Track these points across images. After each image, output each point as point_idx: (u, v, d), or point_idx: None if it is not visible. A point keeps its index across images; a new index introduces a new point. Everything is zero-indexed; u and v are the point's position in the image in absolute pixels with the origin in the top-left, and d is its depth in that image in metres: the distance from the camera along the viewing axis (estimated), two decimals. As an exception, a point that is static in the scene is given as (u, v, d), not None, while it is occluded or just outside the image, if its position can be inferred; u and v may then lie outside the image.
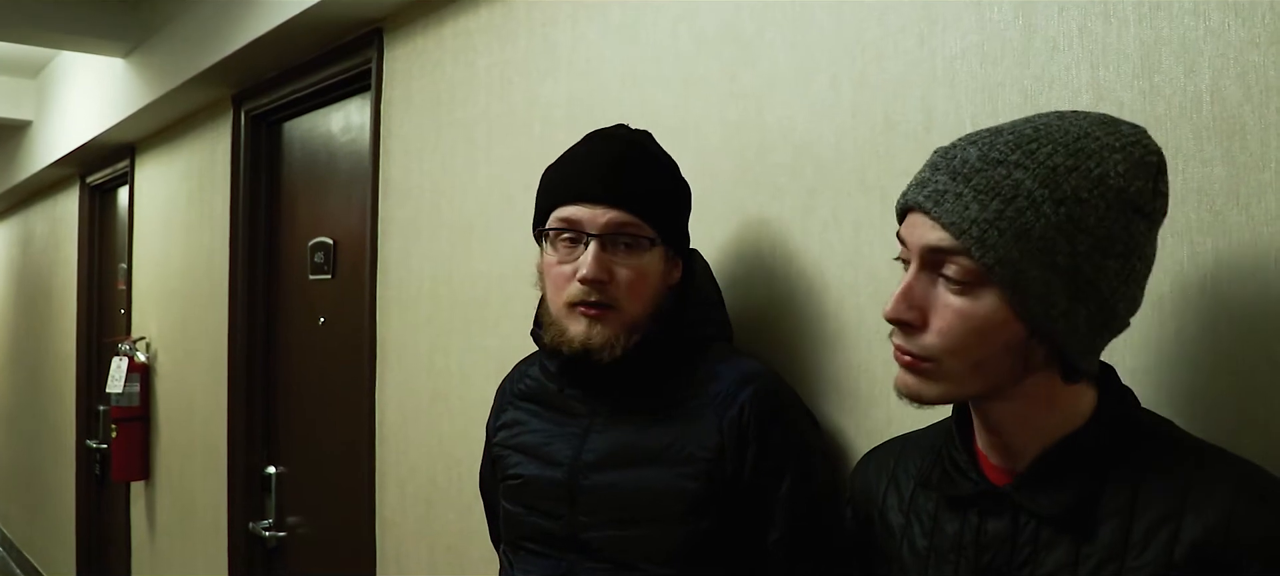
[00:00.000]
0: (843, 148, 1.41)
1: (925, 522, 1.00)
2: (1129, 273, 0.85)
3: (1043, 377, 0.89)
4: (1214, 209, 1.03)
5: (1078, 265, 0.83)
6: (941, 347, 0.88)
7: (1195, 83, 1.04)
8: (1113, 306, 0.85)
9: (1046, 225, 0.82)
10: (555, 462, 1.38)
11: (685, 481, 1.29)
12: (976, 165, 0.86)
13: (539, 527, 1.38)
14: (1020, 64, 1.20)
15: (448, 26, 2.30)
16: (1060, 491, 0.88)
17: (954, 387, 0.90)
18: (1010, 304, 0.84)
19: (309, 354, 3.11)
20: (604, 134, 1.41)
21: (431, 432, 2.35)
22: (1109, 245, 0.83)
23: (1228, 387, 1.02)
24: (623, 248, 1.31)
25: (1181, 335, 1.05)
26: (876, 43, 1.37)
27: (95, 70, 4.22)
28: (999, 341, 0.86)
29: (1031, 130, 0.87)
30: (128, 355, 4.10)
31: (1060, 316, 0.84)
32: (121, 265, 4.55)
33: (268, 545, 3.24)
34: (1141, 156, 0.85)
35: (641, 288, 1.32)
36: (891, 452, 1.10)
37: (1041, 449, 0.91)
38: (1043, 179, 0.83)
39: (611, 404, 1.37)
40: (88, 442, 4.96)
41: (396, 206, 2.50)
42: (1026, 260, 0.83)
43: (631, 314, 1.31)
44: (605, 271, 1.29)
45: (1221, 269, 1.02)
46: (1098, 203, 0.83)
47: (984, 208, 0.84)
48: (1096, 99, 1.12)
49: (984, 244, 0.83)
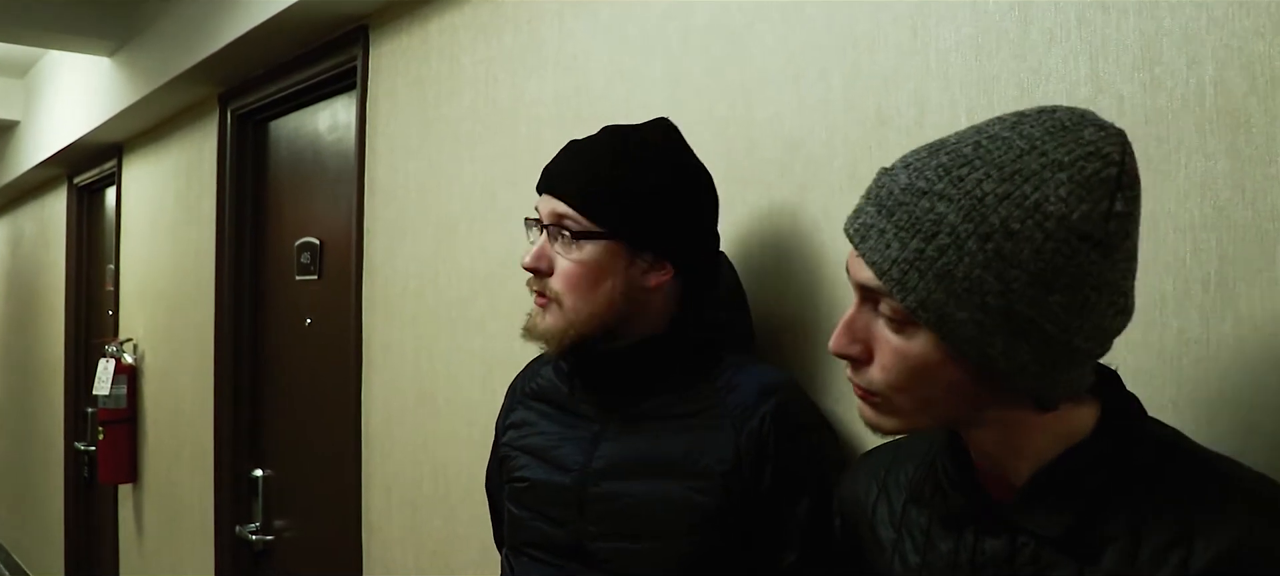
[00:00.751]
0: (834, 143, 1.37)
1: (917, 538, 0.94)
2: (1082, 305, 0.76)
3: (1020, 411, 0.83)
4: (1218, 204, 0.99)
5: (1011, 305, 0.75)
6: (885, 384, 0.83)
7: (1198, 74, 1.00)
8: (1065, 342, 0.76)
9: (971, 264, 0.75)
10: (564, 468, 1.33)
11: (698, 495, 1.23)
12: (900, 197, 0.80)
13: (543, 534, 1.34)
14: (1016, 56, 1.16)
15: (433, 23, 2.26)
16: (1061, 510, 0.82)
17: (909, 421, 0.85)
18: (947, 345, 0.79)
19: (296, 355, 3.07)
20: (608, 128, 1.35)
21: (417, 435, 2.30)
22: (1049, 279, 0.75)
23: (1233, 390, 0.98)
24: (564, 240, 1.26)
25: (1184, 335, 1.01)
26: (868, 35, 1.33)
27: (82, 69, 4.18)
28: (942, 381, 0.81)
29: (970, 148, 0.79)
30: (114, 357, 4.05)
31: (1000, 357, 0.77)
32: (109, 266, 4.50)
33: (255, 548, 3.20)
34: (1094, 173, 0.75)
35: (580, 283, 1.26)
36: (882, 460, 1.05)
37: (1039, 465, 0.85)
38: (967, 211, 0.76)
39: (625, 410, 1.31)
40: (76, 445, 4.91)
41: (382, 206, 2.46)
42: (952, 302, 0.76)
43: (572, 308, 1.26)
44: (543, 261, 1.27)
45: (1226, 266, 0.98)
46: (1032, 233, 0.74)
47: (904, 246, 0.78)
48: (1095, 92, 1.08)
49: (904, 287, 0.78)
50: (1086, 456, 0.83)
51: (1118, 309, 0.78)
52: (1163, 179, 1.02)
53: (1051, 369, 0.78)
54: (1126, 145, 0.78)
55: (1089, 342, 0.78)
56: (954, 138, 0.82)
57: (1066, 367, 0.79)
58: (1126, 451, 0.83)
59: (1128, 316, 0.80)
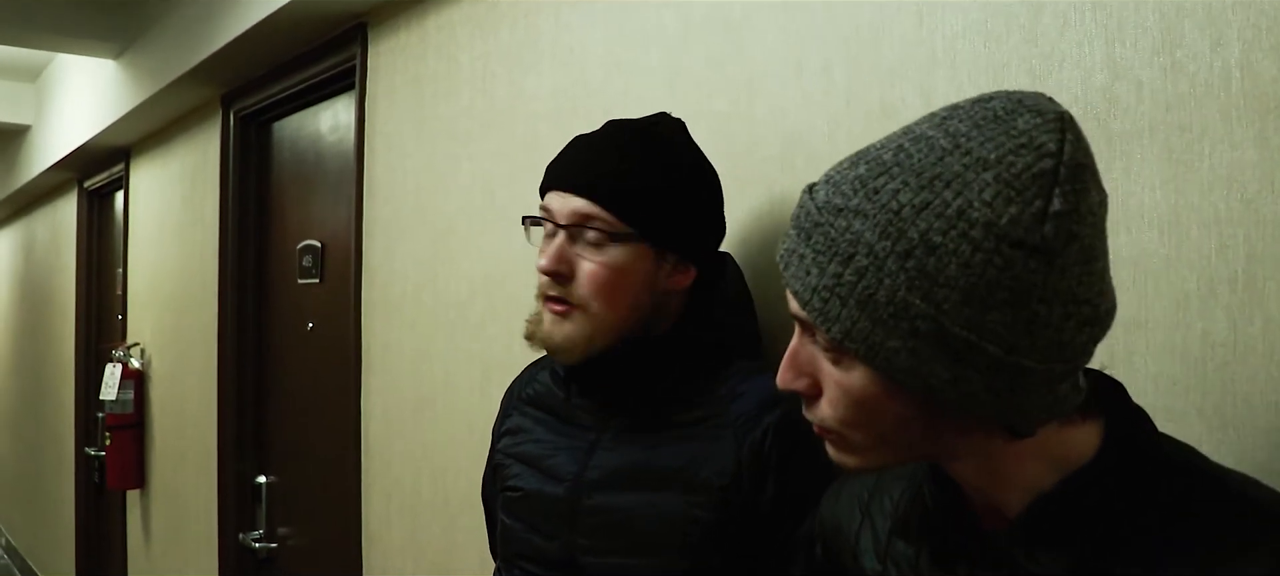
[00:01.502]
0: (836, 138, 1.31)
1: (905, 572, 0.85)
2: (1029, 321, 0.66)
3: (992, 440, 0.73)
4: (1245, 197, 0.91)
5: (943, 327, 0.66)
6: (835, 421, 0.75)
7: (1223, 57, 0.93)
8: (1016, 365, 0.67)
9: (893, 285, 0.67)
10: (557, 478, 1.26)
11: (695, 509, 1.16)
12: (817, 217, 0.72)
13: (534, 547, 1.27)
14: (1027, 42, 1.09)
15: (430, 19, 2.20)
16: (1063, 545, 0.72)
17: (871, 459, 0.77)
18: (883, 377, 0.70)
19: (298, 360, 3.02)
20: (619, 122, 1.29)
21: (417, 443, 2.25)
22: (984, 296, 0.65)
23: (1262, 397, 0.91)
24: (589, 241, 1.19)
25: (1209, 338, 0.94)
26: (871, 25, 1.27)
27: (89, 73, 4.16)
28: (890, 415, 0.72)
29: (891, 154, 0.71)
30: (121, 361, 4.02)
31: (946, 386, 0.68)
32: (118, 270, 4.48)
33: (258, 556, 3.15)
34: (1025, 169, 0.65)
35: (610, 288, 1.18)
36: (865, 483, 0.95)
37: (1034, 496, 0.74)
38: (882, 228, 0.67)
39: (622, 418, 1.25)
40: (87, 450, 4.89)
41: (381, 207, 2.41)
42: (879, 330, 0.68)
43: (598, 315, 1.19)
44: (565, 265, 1.19)
45: (1254, 263, 0.91)
46: (958, 246, 0.65)
47: (822, 272, 0.70)
48: (1112, 78, 1.01)
49: (826, 316, 0.70)
50: (1088, 483, 0.73)
51: (1081, 319, 0.68)
52: (1186, 171, 0.95)
53: (1009, 394, 0.68)
54: (1068, 131, 0.67)
55: (1047, 362, 0.68)
56: (880, 143, 0.74)
57: (1027, 392, 0.68)
58: (1134, 476, 0.73)
59: (1100, 326, 0.70)
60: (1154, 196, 0.98)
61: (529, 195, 1.87)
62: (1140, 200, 0.98)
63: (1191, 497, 0.72)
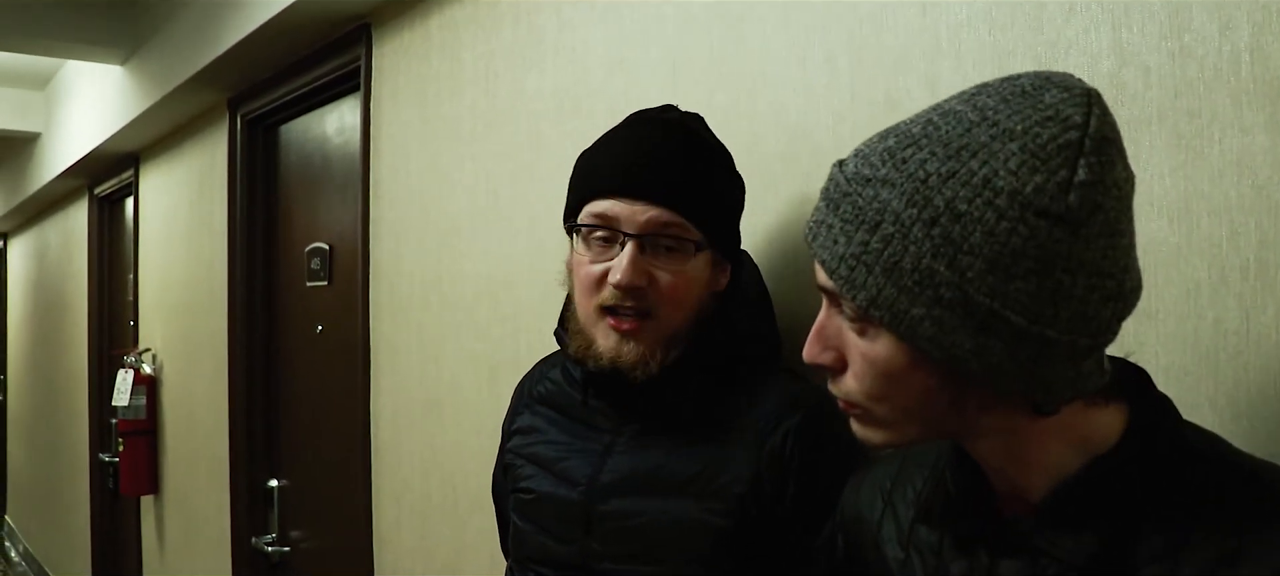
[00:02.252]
0: (841, 131, 1.29)
1: (927, 559, 0.85)
2: (1053, 291, 0.66)
3: (1017, 416, 0.73)
4: (1257, 183, 0.90)
5: (968, 296, 0.67)
6: (861, 393, 0.75)
7: (1232, 40, 0.91)
8: (1039, 336, 0.67)
9: (918, 253, 0.68)
10: (571, 481, 1.24)
11: (714, 516, 1.14)
12: (845, 187, 0.73)
13: (548, 550, 1.25)
14: (1033, 28, 1.07)
15: (434, 18, 2.20)
16: (1087, 530, 0.72)
17: (895, 435, 0.77)
18: (909, 346, 0.70)
19: (308, 364, 3.02)
20: (647, 116, 1.24)
21: (425, 445, 2.24)
22: (1008, 264, 0.66)
23: (1275, 386, 0.89)
24: (664, 250, 1.15)
25: (1221, 326, 0.92)
26: (874, 15, 1.25)
27: (97, 79, 4.17)
28: (915, 386, 0.72)
29: (919, 127, 0.72)
30: (133, 367, 4.03)
31: (970, 356, 0.68)
32: (129, 276, 4.49)
33: (272, 560, 3.15)
34: (1050, 139, 0.66)
35: (683, 296, 1.16)
36: (888, 472, 0.95)
37: (1058, 480, 0.75)
38: (909, 195, 0.69)
39: (640, 421, 1.22)
40: (101, 456, 4.91)
41: (387, 208, 2.41)
42: (904, 298, 0.69)
43: (670, 326, 1.16)
44: (643, 276, 1.14)
45: (1266, 250, 0.89)
46: (983, 214, 0.66)
47: (850, 240, 0.71)
48: (1120, 64, 0.99)
49: (852, 284, 0.71)
50: (1112, 468, 0.73)
51: (1105, 293, 0.68)
52: (1195, 157, 0.93)
53: (1032, 366, 0.69)
54: (1094, 106, 0.68)
55: (1071, 334, 0.68)
56: (909, 118, 0.74)
57: (1050, 364, 0.69)
58: (1159, 462, 0.73)
59: (1125, 300, 0.70)
60: (1163, 184, 0.96)
61: (532, 195, 1.86)
62: (1149, 188, 0.96)
63: (1216, 486, 0.71)
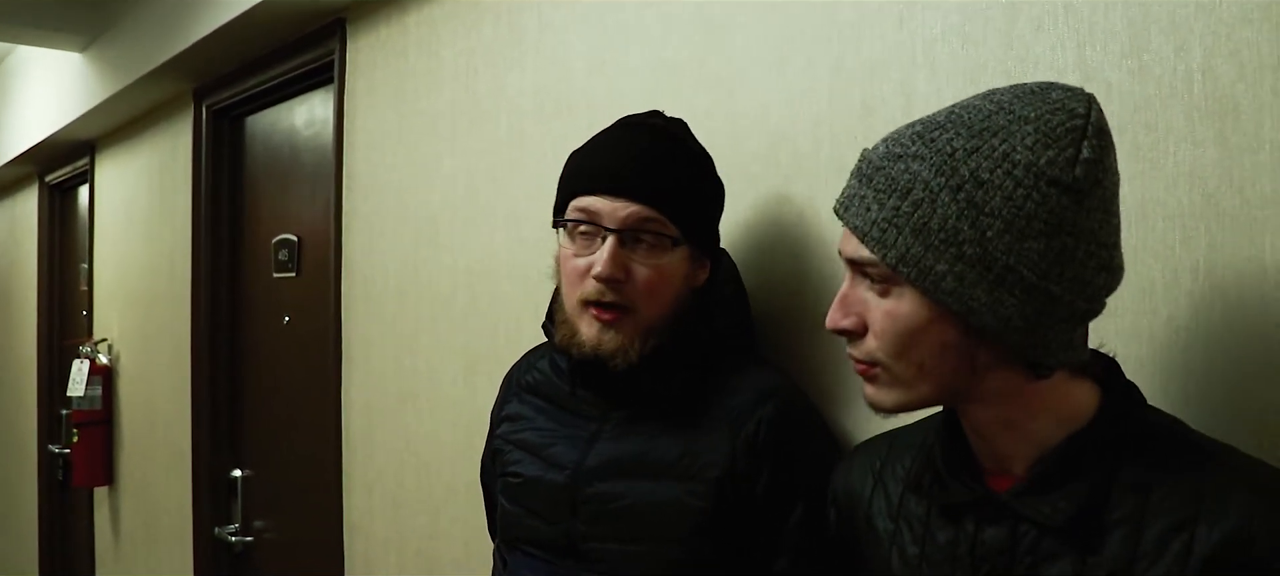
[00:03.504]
0: (819, 135, 1.36)
1: (916, 529, 0.94)
2: (1059, 252, 0.78)
3: (1016, 378, 0.83)
4: (1206, 192, 0.98)
5: (988, 252, 0.78)
6: (881, 351, 0.85)
7: (1186, 61, 1.00)
8: (1046, 291, 0.78)
9: (945, 214, 0.79)
10: (558, 465, 1.31)
11: (692, 498, 1.22)
12: (878, 163, 0.85)
13: (536, 531, 1.31)
14: (1003, 44, 1.15)
15: (412, 15, 2.23)
16: (1063, 498, 0.82)
17: (907, 393, 0.86)
18: (931, 300, 0.80)
19: (275, 354, 3.03)
20: (633, 121, 1.32)
21: (399, 435, 2.28)
22: (1023, 226, 0.77)
23: (1221, 376, 0.98)
24: (643, 245, 1.23)
25: (1173, 322, 1.01)
26: (853, 25, 1.32)
27: (52, 65, 4.11)
28: (934, 341, 0.82)
29: (944, 116, 0.84)
30: (88, 358, 4.00)
31: (985, 310, 0.79)
32: (83, 266, 4.44)
33: (234, 550, 3.16)
34: (1060, 123, 0.79)
35: (661, 289, 1.24)
36: (877, 451, 1.04)
37: (1040, 452, 0.85)
38: (938, 167, 0.80)
39: (624, 410, 1.29)
40: (50, 447, 4.84)
41: (361, 201, 2.44)
42: (931, 254, 0.79)
43: (648, 317, 1.23)
44: (621, 269, 1.21)
45: (1215, 253, 0.98)
46: (1002, 182, 0.78)
47: (882, 206, 0.82)
48: (1084, 79, 1.08)
49: (884, 244, 0.81)
50: (1087, 443, 0.83)
51: (1100, 263, 0.80)
52: (1151, 167, 1.02)
53: (1038, 321, 0.79)
54: (1094, 103, 0.81)
55: (1073, 295, 0.79)
56: (931, 113, 0.85)
57: (1052, 322, 0.80)
58: (1127, 439, 0.83)
59: (1113, 275, 0.81)
60: (1122, 190, 1.04)
61: (514, 190, 1.92)
62: (1109, 194, 1.05)
63: (1175, 461, 0.81)
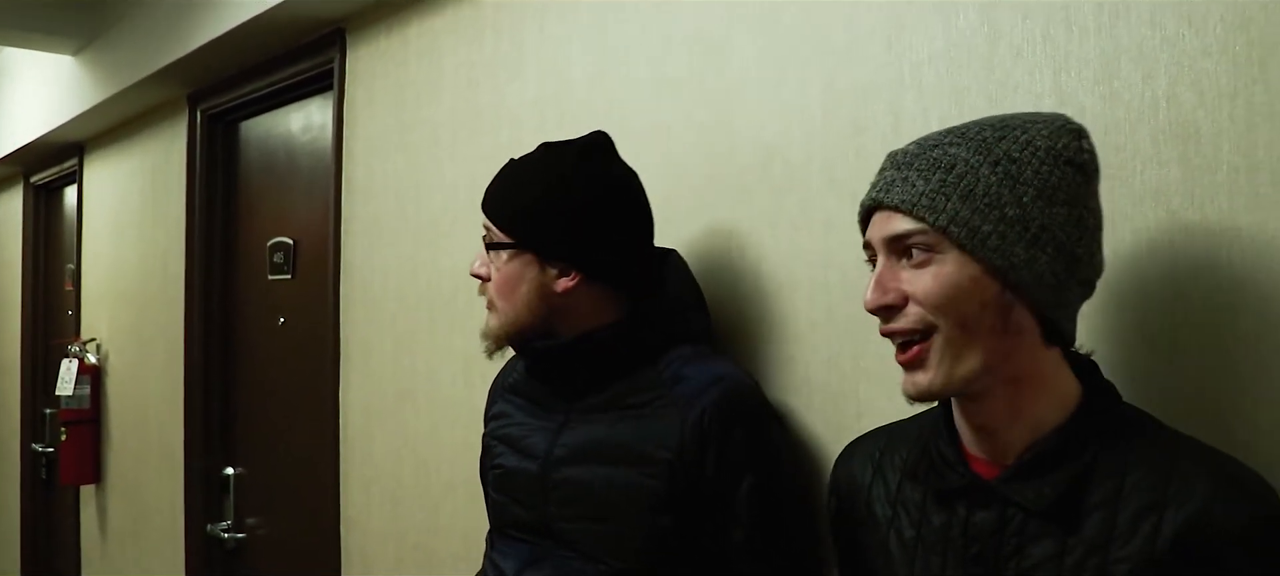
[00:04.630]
0: (811, 150, 1.45)
1: (912, 514, 1.03)
2: (1079, 220, 0.92)
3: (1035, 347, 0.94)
4: (1170, 208, 1.08)
5: (1027, 213, 0.90)
6: (926, 313, 0.93)
7: (1152, 88, 1.10)
8: (1072, 252, 0.92)
9: (988, 184, 0.91)
10: (531, 455, 1.45)
11: (647, 479, 1.34)
12: (914, 152, 0.97)
13: (516, 516, 1.46)
14: (985, 69, 1.25)
15: (412, 27, 2.30)
16: (1047, 484, 0.92)
17: (951, 363, 0.93)
18: (975, 259, 0.91)
19: (269, 354, 3.09)
20: (540, 146, 1.48)
21: (398, 432, 2.35)
22: (1051, 194, 0.91)
23: (1184, 376, 1.07)
24: (493, 252, 1.43)
25: (1141, 326, 1.10)
26: (844, 47, 1.41)
27: (41, 67, 4.14)
28: (975, 298, 0.92)
29: (962, 126, 0.97)
30: (77, 357, 4.03)
31: (1023, 266, 0.90)
32: (69, 266, 4.47)
33: (226, 546, 3.21)
34: (1063, 124, 0.94)
35: (504, 290, 1.41)
36: (876, 444, 1.14)
37: (1028, 442, 0.95)
38: (976, 148, 0.93)
39: (583, 401, 1.42)
40: (34, 446, 4.86)
41: (360, 206, 2.50)
42: (977, 216, 0.91)
43: (504, 312, 1.41)
44: (484, 269, 1.44)
45: (1178, 264, 1.07)
46: (1031, 159, 0.91)
47: (928, 181, 0.93)
48: (1059, 103, 1.17)
49: (935, 209, 0.92)
50: (1070, 434, 0.93)
51: (1099, 241, 0.96)
52: (1120, 185, 1.11)
53: (1064, 281, 0.92)
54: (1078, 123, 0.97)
55: (1088, 259, 0.94)
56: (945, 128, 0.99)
57: (1072, 283, 0.93)
58: (1105, 431, 0.93)
59: (1101, 256, 0.97)
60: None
61: (514, 197, 1.99)
62: (1082, 209, 1.14)
63: (1148, 451, 0.91)
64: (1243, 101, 1.02)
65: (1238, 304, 1.03)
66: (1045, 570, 0.91)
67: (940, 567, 0.99)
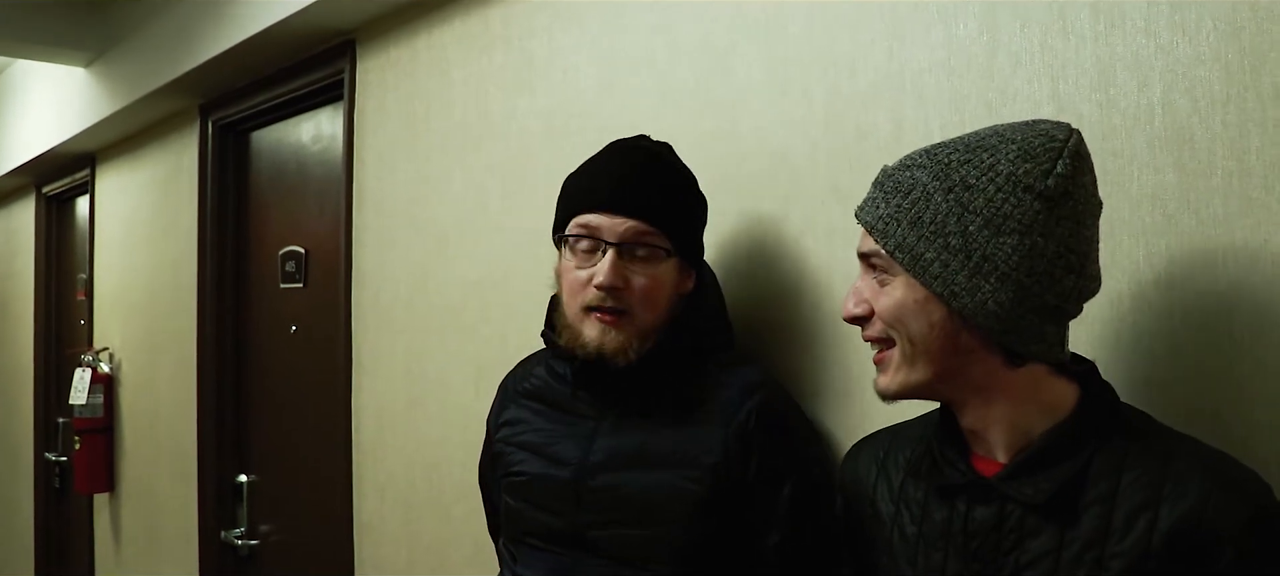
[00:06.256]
0: (816, 157, 1.48)
1: (914, 511, 1.06)
2: (1030, 249, 0.92)
3: (996, 367, 0.97)
4: (1166, 213, 1.11)
5: (970, 243, 0.93)
6: (884, 326, 1.00)
7: (1148, 96, 1.12)
8: (1018, 282, 0.92)
9: (935, 211, 0.95)
10: (562, 462, 1.42)
11: (690, 484, 1.34)
12: (891, 172, 1.01)
13: (542, 524, 1.42)
14: (985, 77, 1.27)
15: (422, 38, 2.34)
16: (1045, 480, 0.95)
17: (908, 373, 1.00)
18: (920, 283, 0.95)
19: (281, 362, 3.12)
20: (625, 144, 1.46)
21: (410, 438, 2.38)
22: (1000, 223, 0.92)
23: (1181, 376, 1.10)
24: (639, 256, 1.36)
25: (1138, 329, 1.13)
26: (847, 56, 1.44)
27: (54, 79, 4.18)
28: (923, 319, 0.97)
29: (954, 139, 1.00)
30: (91, 366, 4.07)
31: (964, 292, 0.94)
32: (81, 275, 4.51)
33: (240, 553, 3.24)
34: (1040, 145, 0.93)
35: (655, 296, 1.37)
36: (881, 443, 1.17)
37: (1026, 441, 0.98)
38: (935, 172, 0.96)
39: (621, 408, 1.41)
40: (47, 455, 4.90)
41: (371, 215, 2.54)
42: (922, 243, 0.95)
43: (645, 321, 1.37)
44: (621, 278, 1.35)
45: (1174, 267, 1.10)
46: (986, 186, 0.93)
47: (888, 204, 0.99)
48: (1057, 110, 1.20)
49: (887, 234, 0.98)
50: (1067, 433, 0.96)
51: (1068, 266, 0.94)
52: (1118, 190, 1.14)
53: (1011, 309, 0.93)
54: (1075, 132, 0.95)
55: (1042, 289, 0.93)
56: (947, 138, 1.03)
57: (1024, 311, 0.93)
58: (1102, 430, 0.96)
59: (1085, 281, 0.96)
60: (1092, 211, 1.16)
61: (523, 205, 2.02)
62: (1081, 214, 1.17)
63: (1144, 448, 0.94)
64: (1235, 108, 1.05)
65: (1232, 305, 1.06)
66: (1043, 564, 0.94)
67: (941, 562, 1.02)
